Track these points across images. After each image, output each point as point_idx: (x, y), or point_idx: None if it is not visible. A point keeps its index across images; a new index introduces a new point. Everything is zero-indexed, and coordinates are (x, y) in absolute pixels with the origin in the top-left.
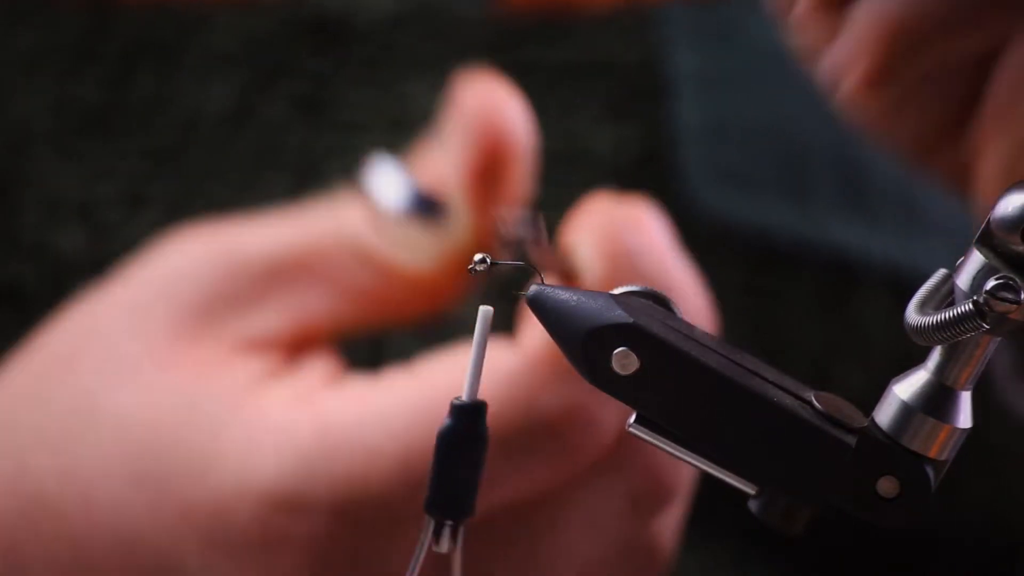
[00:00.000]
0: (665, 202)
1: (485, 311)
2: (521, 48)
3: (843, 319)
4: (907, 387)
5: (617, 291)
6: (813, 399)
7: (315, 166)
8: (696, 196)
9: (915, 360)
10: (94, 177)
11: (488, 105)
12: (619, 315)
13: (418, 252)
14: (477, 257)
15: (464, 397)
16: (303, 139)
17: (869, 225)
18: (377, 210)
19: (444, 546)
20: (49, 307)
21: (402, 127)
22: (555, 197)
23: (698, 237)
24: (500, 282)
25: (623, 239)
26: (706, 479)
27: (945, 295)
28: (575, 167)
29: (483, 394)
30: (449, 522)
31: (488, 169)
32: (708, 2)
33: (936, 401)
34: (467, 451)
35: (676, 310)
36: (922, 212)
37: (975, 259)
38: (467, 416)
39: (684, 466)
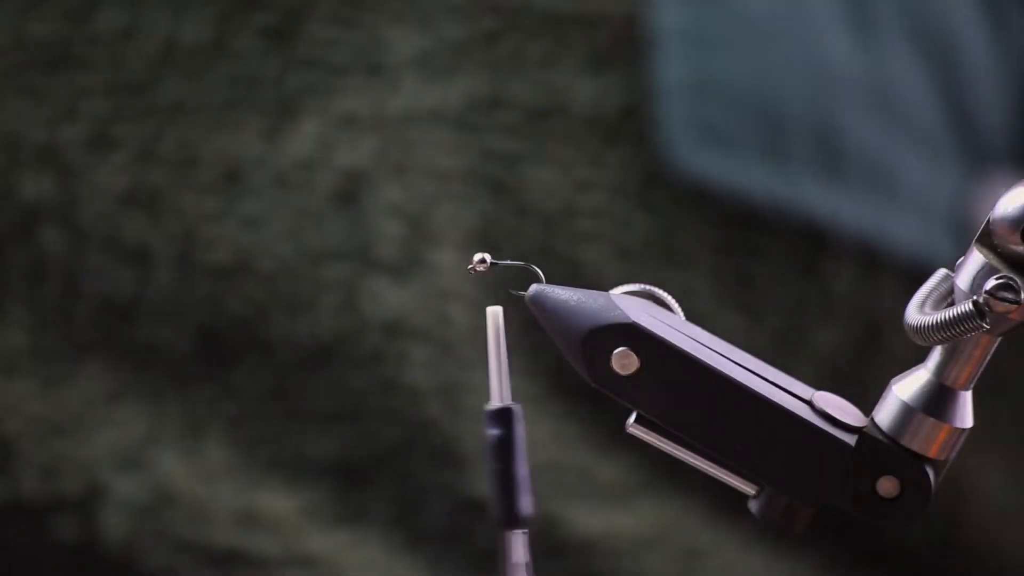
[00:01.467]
0: (643, 157)
1: (494, 311)
2: None
3: (812, 281)
4: (907, 387)
5: (617, 291)
6: (813, 399)
7: (290, 106)
8: (674, 153)
9: (879, 325)
10: (58, 117)
11: None
12: (619, 315)
13: None
14: (477, 257)
15: (494, 402)
16: (278, 78)
17: (843, 191)
18: None
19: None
20: (16, 257)
21: (380, 75)
22: (533, 149)
23: (674, 193)
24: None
25: None
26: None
27: (945, 295)
28: (554, 119)
29: None
30: (515, 531)
31: None
32: None
33: (936, 401)
34: (500, 457)
35: (676, 310)
36: (896, 182)
37: (975, 259)
38: (496, 421)
39: None
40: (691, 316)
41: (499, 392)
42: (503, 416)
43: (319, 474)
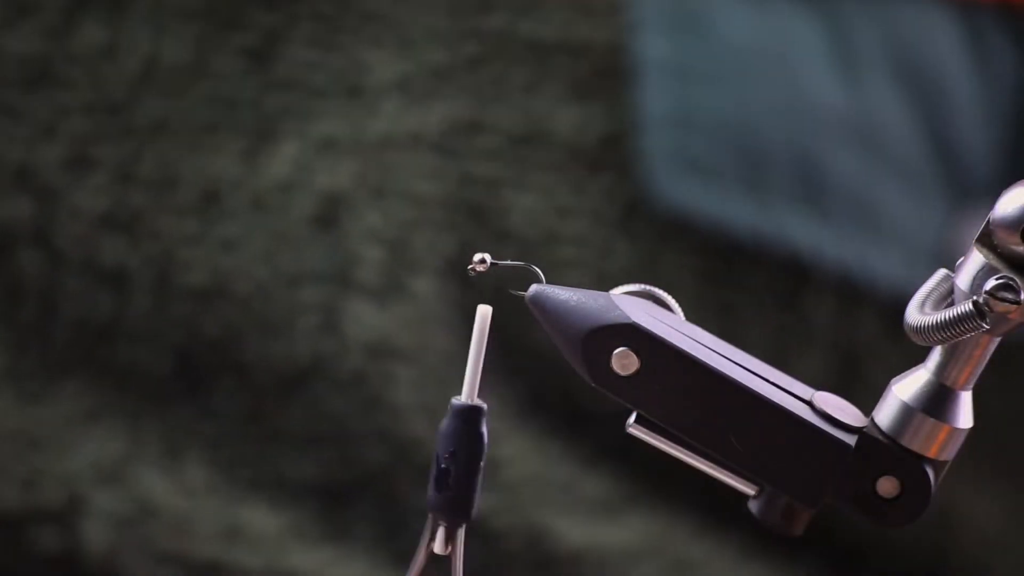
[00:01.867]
0: (625, 186)
1: (484, 310)
2: (486, 17)
3: (794, 312)
4: (907, 387)
5: (617, 291)
6: (813, 399)
7: (270, 127)
8: (656, 183)
9: (858, 359)
10: (36, 136)
11: None
12: (619, 315)
13: None
14: (477, 257)
15: (463, 398)
16: (257, 99)
17: (824, 224)
18: None
19: (439, 547)
20: None
21: (361, 98)
22: (514, 175)
23: (656, 223)
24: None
25: None
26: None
27: (945, 295)
28: (535, 146)
29: None
30: (444, 523)
31: None
32: None
33: (936, 401)
34: (464, 453)
35: (676, 310)
36: (877, 215)
37: (975, 259)
38: (465, 417)
39: None
40: None
41: (471, 390)
42: (471, 414)
43: (302, 496)
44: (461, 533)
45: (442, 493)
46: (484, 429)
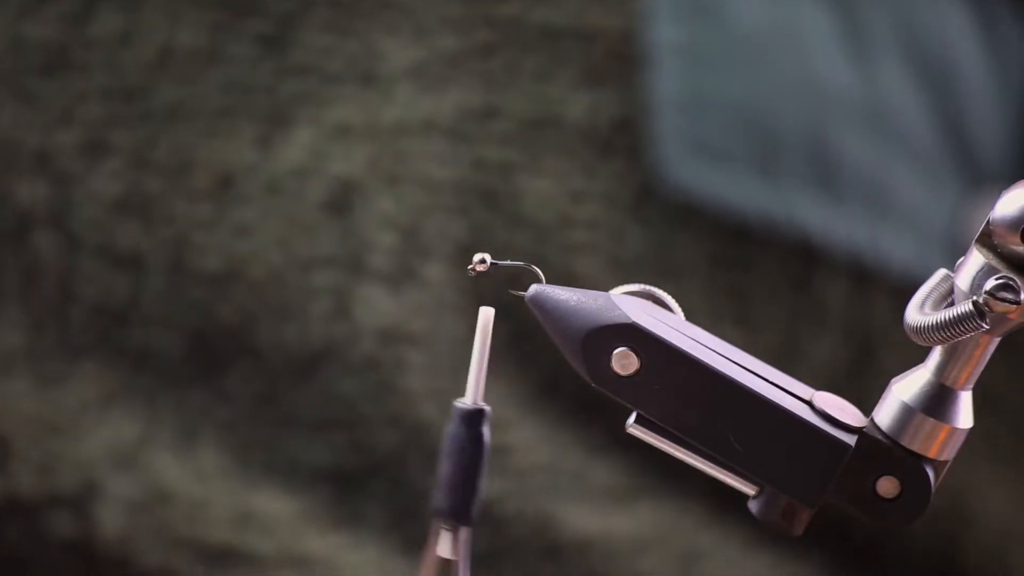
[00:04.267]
0: (637, 171)
1: (486, 312)
2: (499, 4)
3: (806, 295)
4: (907, 387)
5: (617, 291)
6: (813, 399)
7: (284, 113)
8: (668, 167)
9: (871, 341)
10: (54, 121)
11: None
12: (619, 315)
13: None
14: (477, 257)
15: (467, 400)
16: (272, 86)
17: (836, 207)
18: None
19: (446, 551)
20: (10, 261)
21: (375, 85)
22: (526, 160)
23: (668, 207)
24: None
25: None
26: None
27: (945, 295)
28: (548, 131)
29: None
30: (447, 526)
31: None
32: None
33: (936, 401)
34: (466, 456)
35: (676, 310)
36: (889, 198)
37: (975, 259)
38: (467, 421)
39: None
40: None
41: (475, 392)
42: (476, 417)
43: (314, 480)
44: (465, 537)
45: (445, 496)
46: (486, 432)
